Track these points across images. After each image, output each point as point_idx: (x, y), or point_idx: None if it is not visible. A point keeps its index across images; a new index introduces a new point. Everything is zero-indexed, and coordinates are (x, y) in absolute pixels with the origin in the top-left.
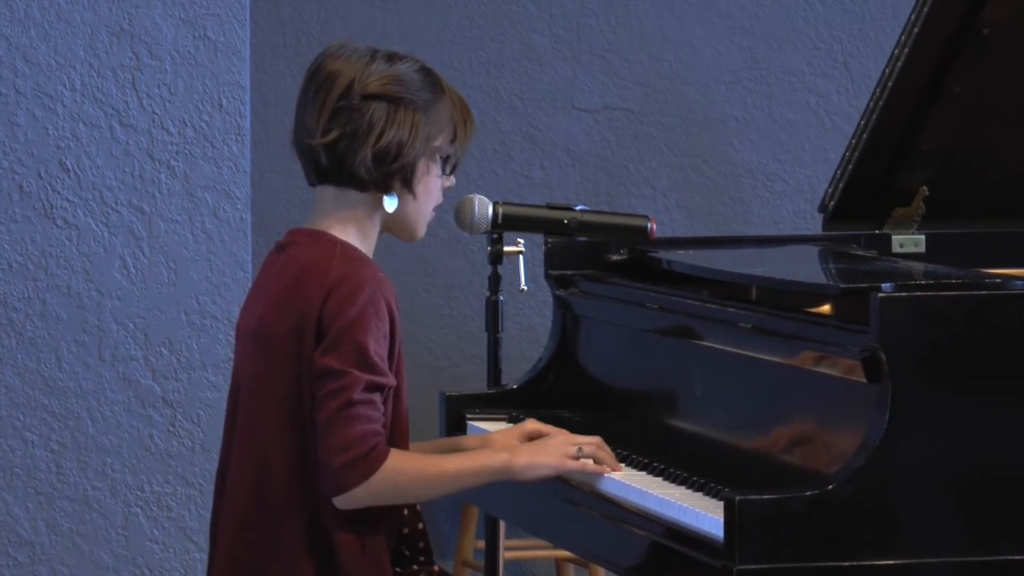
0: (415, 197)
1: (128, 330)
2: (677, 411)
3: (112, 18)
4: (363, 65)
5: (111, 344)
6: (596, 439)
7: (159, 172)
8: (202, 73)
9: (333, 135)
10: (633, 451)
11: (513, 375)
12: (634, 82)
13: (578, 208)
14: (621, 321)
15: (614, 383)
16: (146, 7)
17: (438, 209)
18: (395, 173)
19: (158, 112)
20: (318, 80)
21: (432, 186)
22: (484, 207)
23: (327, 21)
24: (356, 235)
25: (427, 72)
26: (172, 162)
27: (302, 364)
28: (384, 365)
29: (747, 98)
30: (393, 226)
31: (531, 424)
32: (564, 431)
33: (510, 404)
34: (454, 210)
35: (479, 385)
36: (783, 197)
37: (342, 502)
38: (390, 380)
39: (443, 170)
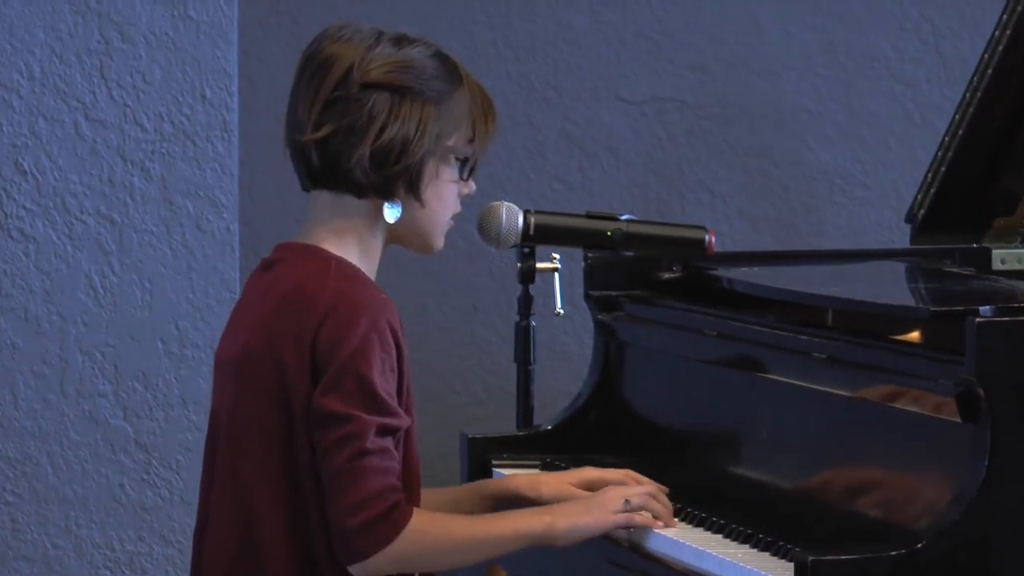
0: (423, 204)
1: (95, 361)
2: (739, 456)
3: None
4: (365, 49)
5: (75, 377)
6: (649, 487)
7: (132, 175)
8: (182, 58)
9: (326, 130)
10: (688, 503)
11: (547, 413)
12: (689, 68)
13: (623, 217)
14: (674, 350)
15: (666, 423)
16: None
17: (458, 219)
18: (398, 176)
19: (130, 104)
20: (313, 66)
21: (445, 192)
22: (513, 216)
23: None
24: (355, 249)
25: (442, 58)
26: (147, 163)
27: (293, 401)
28: (395, 403)
29: (822, 87)
30: (403, 237)
31: (591, 472)
32: (630, 474)
33: (544, 448)
34: (477, 220)
35: (507, 426)
36: (865, 204)
37: (359, 571)
38: (403, 420)
39: (460, 174)
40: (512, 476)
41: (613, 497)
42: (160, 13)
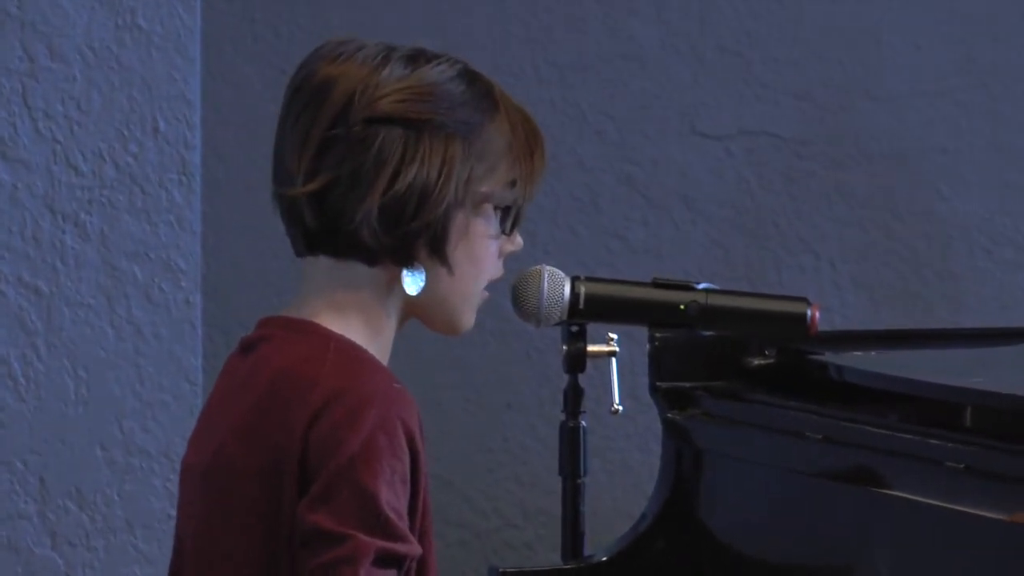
0: (451, 271)
1: (15, 472)
2: None
3: None
4: (370, 71)
5: None
6: None
7: (63, 231)
8: (129, 80)
9: (323, 179)
10: None
11: (602, 541)
12: (786, 93)
13: (701, 287)
14: (767, 459)
15: (756, 553)
16: None
17: (492, 288)
18: (417, 235)
19: (61, 140)
20: (304, 95)
21: (480, 252)
22: (557, 285)
23: (318, 1)
24: (361, 327)
25: (470, 79)
26: (82, 216)
27: (279, 520)
28: (403, 524)
29: (960, 118)
30: (425, 312)
31: None
32: None
33: None
34: (511, 289)
35: (550, 556)
36: (1016, 269)
37: None
38: (412, 548)
39: (501, 227)
40: None
41: None
42: (101, 22)
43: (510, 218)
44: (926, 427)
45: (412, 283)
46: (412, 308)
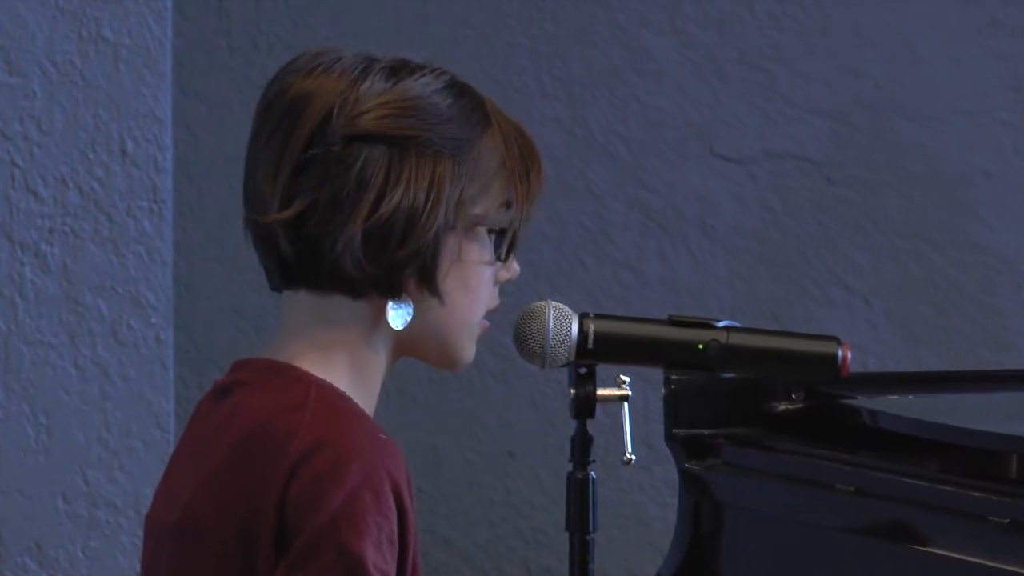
0: (442, 301)
1: None
2: None
3: None
4: (349, 84)
5: None
6: None
7: (21, 263)
8: (94, 97)
9: (300, 204)
10: None
11: None
12: (814, 112)
13: (722, 325)
14: (793, 513)
15: None
16: None
17: (493, 325)
18: (404, 263)
19: (20, 163)
20: (277, 112)
21: (474, 279)
22: (564, 322)
23: (301, 11)
24: (347, 368)
25: (459, 91)
26: (43, 247)
27: None
28: None
29: (1004, 139)
30: (418, 347)
31: None
32: None
33: None
34: (514, 327)
35: None
36: None
37: None
38: None
39: (496, 252)
40: None
41: None
42: (63, 34)
43: (505, 242)
44: (968, 479)
45: (397, 317)
46: (404, 344)
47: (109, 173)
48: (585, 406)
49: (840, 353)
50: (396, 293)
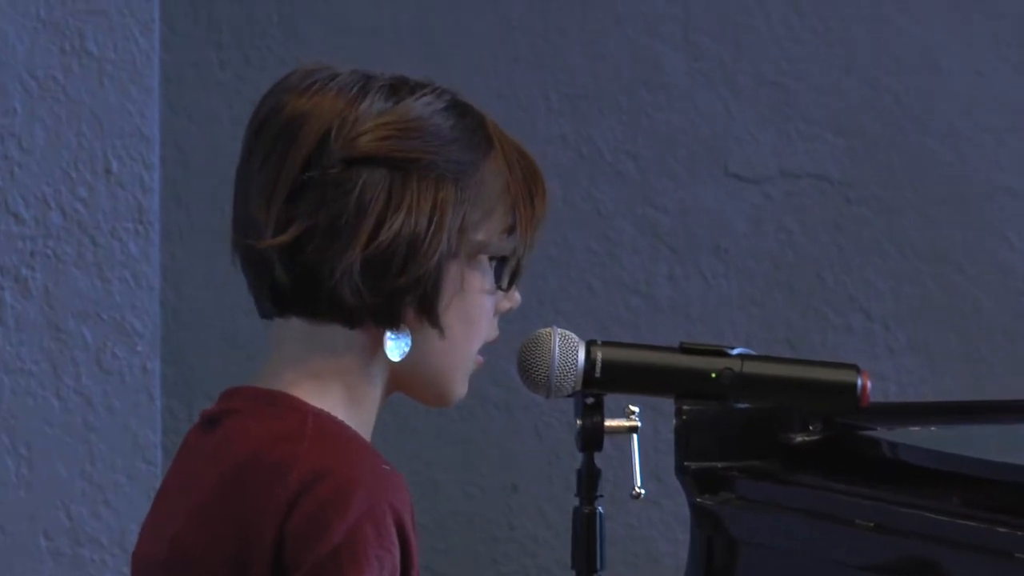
0: (442, 333)
1: None
2: None
3: None
4: (346, 104)
5: None
6: None
7: (1, 288)
8: (77, 114)
9: (296, 230)
10: None
11: None
12: (833, 129)
13: (735, 352)
14: (812, 550)
15: None
16: None
17: (487, 351)
18: (405, 293)
19: (0, 184)
20: (271, 133)
21: (476, 310)
22: (570, 349)
23: (294, 24)
24: (342, 399)
25: (461, 112)
26: (23, 271)
27: None
28: None
29: None
30: (410, 381)
31: None
32: None
33: None
34: (517, 355)
35: None
36: None
37: None
38: None
39: (497, 281)
40: None
41: None
42: (44, 47)
43: (507, 271)
44: (993, 513)
45: (395, 348)
46: (397, 377)
47: (93, 193)
48: (592, 438)
49: (859, 382)
50: (395, 323)
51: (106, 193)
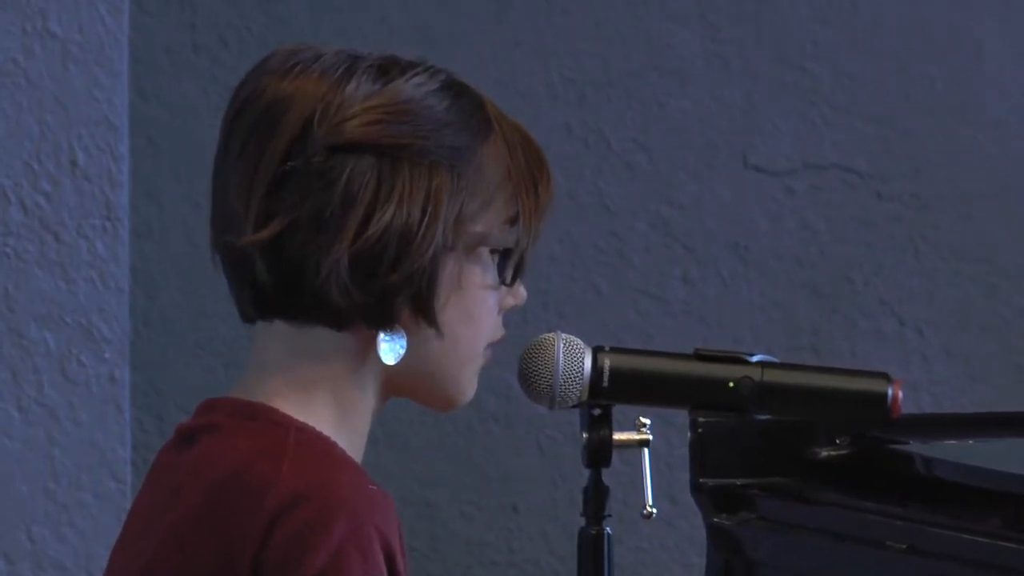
0: (440, 332)
1: None
2: None
3: None
4: (331, 87)
5: None
6: None
7: None
8: (39, 100)
9: (278, 224)
10: None
11: None
12: (862, 118)
13: (755, 359)
14: (837, 574)
15: None
16: None
17: (495, 360)
18: (398, 290)
19: None
20: (250, 120)
21: (477, 307)
22: (576, 356)
23: (275, 3)
24: (330, 409)
25: (456, 92)
26: None
27: None
28: None
29: None
30: (410, 385)
31: None
32: None
33: None
34: (518, 363)
35: None
36: None
37: None
38: None
39: (500, 276)
40: None
41: None
42: (3, 28)
43: (511, 264)
44: None
45: (389, 351)
46: (395, 382)
47: (57, 187)
48: (599, 453)
49: (890, 392)
50: (388, 324)
51: (71, 187)
